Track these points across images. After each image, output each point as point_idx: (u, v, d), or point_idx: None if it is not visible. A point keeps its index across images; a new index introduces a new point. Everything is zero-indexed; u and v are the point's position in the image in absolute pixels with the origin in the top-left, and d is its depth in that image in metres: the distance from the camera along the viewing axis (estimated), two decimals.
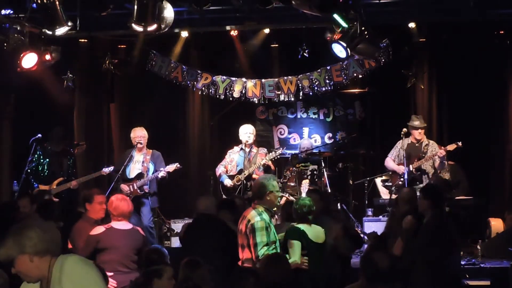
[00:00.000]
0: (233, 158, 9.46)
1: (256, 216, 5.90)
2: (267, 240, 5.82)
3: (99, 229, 6.43)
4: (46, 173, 9.37)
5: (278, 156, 9.44)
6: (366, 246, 7.67)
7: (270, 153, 9.31)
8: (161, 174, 9.08)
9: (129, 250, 6.33)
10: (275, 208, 6.38)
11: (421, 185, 8.97)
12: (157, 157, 9.30)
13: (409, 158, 9.22)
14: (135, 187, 9.11)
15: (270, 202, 6.08)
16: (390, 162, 9.49)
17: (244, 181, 9.17)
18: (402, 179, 9.10)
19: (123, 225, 6.46)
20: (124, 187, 9.13)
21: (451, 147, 9.07)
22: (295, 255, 6.01)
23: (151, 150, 9.34)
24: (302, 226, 6.17)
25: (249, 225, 5.88)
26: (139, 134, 9.27)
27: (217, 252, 5.91)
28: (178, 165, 9.23)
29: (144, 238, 6.61)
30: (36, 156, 9.30)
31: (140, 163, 9.25)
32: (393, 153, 9.49)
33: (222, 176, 9.45)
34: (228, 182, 9.33)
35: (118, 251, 6.26)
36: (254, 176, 9.13)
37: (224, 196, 9.37)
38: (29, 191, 8.96)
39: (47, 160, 9.38)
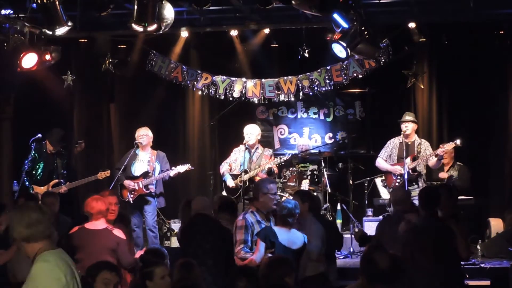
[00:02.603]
0: (237, 158, 9.40)
1: (240, 216, 6.30)
2: (245, 238, 6.10)
3: (74, 229, 6.53)
4: (41, 175, 9.33)
5: (283, 163, 9.42)
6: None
7: (276, 159, 9.22)
8: (172, 173, 9.08)
9: (98, 251, 6.16)
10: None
11: (416, 186, 8.95)
12: (162, 158, 9.30)
13: (402, 158, 9.01)
14: (141, 185, 9.09)
15: (263, 203, 6.35)
16: (382, 163, 9.28)
17: (247, 182, 9.09)
18: (399, 179, 9.03)
19: (96, 225, 6.42)
20: (129, 183, 9.11)
21: (450, 146, 9.00)
22: (257, 254, 5.97)
23: (156, 151, 9.34)
24: (277, 228, 6.06)
25: (235, 223, 6.23)
26: (141, 133, 9.27)
27: (210, 253, 5.86)
28: (190, 167, 9.23)
29: (120, 240, 6.40)
30: (31, 156, 9.28)
31: (145, 162, 9.23)
32: (384, 153, 9.28)
33: (225, 175, 9.40)
34: (230, 182, 9.27)
35: (85, 250, 6.21)
36: (256, 178, 9.13)
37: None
38: (22, 192, 8.90)
39: (43, 161, 9.35)
